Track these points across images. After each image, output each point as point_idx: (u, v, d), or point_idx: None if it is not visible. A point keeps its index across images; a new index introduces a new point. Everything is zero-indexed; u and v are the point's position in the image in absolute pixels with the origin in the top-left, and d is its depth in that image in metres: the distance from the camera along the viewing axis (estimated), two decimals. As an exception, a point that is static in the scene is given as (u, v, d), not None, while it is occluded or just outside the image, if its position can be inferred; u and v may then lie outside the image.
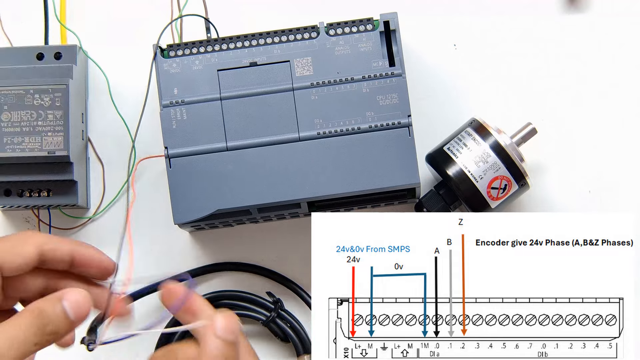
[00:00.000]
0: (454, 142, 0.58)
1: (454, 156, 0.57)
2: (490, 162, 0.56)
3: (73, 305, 0.47)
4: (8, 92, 0.59)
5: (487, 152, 0.56)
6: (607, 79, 0.64)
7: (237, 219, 0.59)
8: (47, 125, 0.59)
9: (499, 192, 0.56)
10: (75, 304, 0.47)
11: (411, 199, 0.60)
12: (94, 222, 0.64)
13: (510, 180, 0.56)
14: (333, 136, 0.57)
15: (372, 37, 0.58)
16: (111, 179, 0.64)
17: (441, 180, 0.59)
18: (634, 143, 0.63)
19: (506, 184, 0.56)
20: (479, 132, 0.57)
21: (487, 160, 0.56)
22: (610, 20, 0.64)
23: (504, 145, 0.56)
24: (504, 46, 0.64)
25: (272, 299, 0.61)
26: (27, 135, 0.59)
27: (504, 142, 0.56)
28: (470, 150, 0.56)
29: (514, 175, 0.56)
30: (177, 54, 0.58)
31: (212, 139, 0.58)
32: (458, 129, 0.59)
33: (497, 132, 0.57)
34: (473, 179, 0.56)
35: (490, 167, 0.56)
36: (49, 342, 0.46)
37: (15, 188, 0.60)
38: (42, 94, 0.59)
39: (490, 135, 0.56)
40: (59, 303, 0.46)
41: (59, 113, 0.59)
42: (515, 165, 0.56)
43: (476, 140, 0.56)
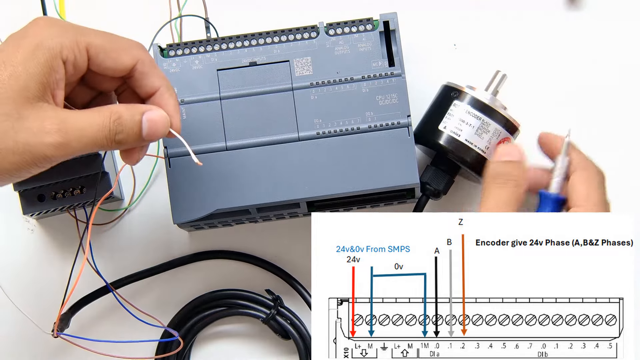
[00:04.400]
0: (447, 119, 0.58)
1: (457, 136, 0.57)
2: (491, 130, 0.57)
3: (151, 124, 0.49)
4: None
5: (486, 120, 0.57)
6: (608, 78, 0.64)
7: (237, 218, 0.59)
8: None
9: None
10: (154, 122, 0.49)
11: (411, 199, 0.60)
12: (131, 213, 0.64)
13: (510, 138, 0.58)
14: (332, 136, 0.57)
15: (371, 37, 0.58)
16: (137, 168, 0.64)
17: (436, 155, 0.59)
18: (634, 143, 0.63)
19: (507, 142, 0.58)
20: (462, 100, 0.57)
21: (488, 129, 0.57)
22: (611, 20, 0.64)
23: (489, 103, 0.57)
24: (504, 46, 0.64)
25: (271, 296, 0.61)
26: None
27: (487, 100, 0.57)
28: (470, 125, 0.57)
29: (511, 132, 0.58)
30: (177, 53, 0.58)
31: (211, 138, 0.58)
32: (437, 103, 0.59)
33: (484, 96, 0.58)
34: (481, 152, 0.57)
35: (493, 135, 0.57)
36: (113, 149, 0.48)
37: (48, 192, 0.60)
38: None
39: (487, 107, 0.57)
40: (139, 115, 0.48)
41: None
42: (513, 124, 0.58)
43: (470, 112, 0.57)
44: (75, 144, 0.46)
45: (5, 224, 0.64)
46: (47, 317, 0.58)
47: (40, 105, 0.46)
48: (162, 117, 0.49)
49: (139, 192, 0.64)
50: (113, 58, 0.49)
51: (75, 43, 0.47)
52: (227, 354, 0.63)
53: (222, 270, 0.64)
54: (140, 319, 0.61)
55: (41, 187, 0.60)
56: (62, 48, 0.46)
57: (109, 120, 0.47)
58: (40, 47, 0.46)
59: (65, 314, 0.59)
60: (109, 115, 0.47)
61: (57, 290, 0.62)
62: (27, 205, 0.60)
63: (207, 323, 0.62)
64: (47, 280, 0.64)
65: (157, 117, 0.49)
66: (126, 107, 0.48)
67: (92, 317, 0.63)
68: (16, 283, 0.63)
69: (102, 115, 0.47)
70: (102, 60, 0.48)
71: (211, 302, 0.62)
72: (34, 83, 0.45)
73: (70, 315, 0.60)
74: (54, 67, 0.46)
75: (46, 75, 0.46)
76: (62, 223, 0.64)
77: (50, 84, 0.46)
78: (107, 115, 0.47)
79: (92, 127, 0.47)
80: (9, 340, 0.64)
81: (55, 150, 0.46)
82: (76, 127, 0.46)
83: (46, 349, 0.63)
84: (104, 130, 0.47)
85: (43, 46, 0.46)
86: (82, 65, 0.48)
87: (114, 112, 0.48)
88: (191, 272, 0.64)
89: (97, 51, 0.48)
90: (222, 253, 0.64)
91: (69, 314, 0.60)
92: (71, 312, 0.60)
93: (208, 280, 0.63)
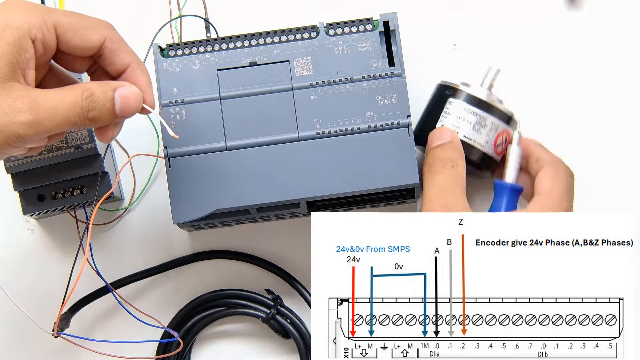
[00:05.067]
0: (444, 117, 0.58)
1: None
2: (489, 124, 0.57)
3: (123, 100, 0.49)
4: None
5: (482, 115, 0.57)
6: (608, 78, 0.64)
7: (236, 218, 0.59)
8: None
9: (503, 146, 0.58)
10: (126, 98, 0.49)
11: (410, 199, 0.60)
12: (131, 213, 0.64)
13: (509, 130, 0.58)
14: (332, 136, 0.57)
15: (371, 37, 0.58)
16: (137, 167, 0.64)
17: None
18: (633, 142, 0.63)
19: (506, 136, 0.58)
20: (457, 97, 0.57)
21: (486, 124, 0.57)
22: (611, 19, 0.64)
23: (485, 99, 0.57)
24: (504, 46, 0.64)
25: (271, 296, 0.62)
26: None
27: (482, 95, 0.57)
28: (467, 121, 0.57)
29: (508, 123, 0.58)
30: (177, 53, 0.58)
31: (211, 138, 0.58)
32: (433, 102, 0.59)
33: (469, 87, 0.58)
34: (480, 147, 0.57)
35: (491, 129, 0.57)
36: (87, 126, 0.48)
37: (48, 192, 0.60)
38: None
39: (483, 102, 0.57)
40: (111, 92, 0.49)
41: None
42: (507, 116, 0.58)
43: (462, 107, 0.57)
44: (47, 122, 0.46)
45: (5, 224, 0.64)
46: (46, 317, 0.58)
47: (10, 85, 0.46)
48: (135, 92, 0.50)
49: (139, 192, 0.64)
50: (81, 36, 0.49)
51: (43, 22, 0.47)
52: (227, 353, 0.63)
53: (222, 270, 0.64)
54: (140, 319, 0.60)
55: (41, 187, 0.60)
56: (30, 27, 0.47)
57: (81, 97, 0.48)
58: (9, 27, 0.46)
59: (65, 314, 0.59)
60: (80, 92, 0.48)
61: (57, 290, 0.62)
62: (27, 205, 0.60)
63: (207, 323, 0.62)
64: (47, 280, 0.64)
65: (130, 92, 0.49)
66: (98, 84, 0.49)
67: (92, 317, 0.63)
68: (16, 283, 0.63)
69: (74, 92, 0.48)
70: (70, 38, 0.49)
71: (211, 302, 0.62)
72: (4, 63, 0.46)
73: (71, 315, 0.60)
74: (23, 46, 0.47)
75: (15, 55, 0.46)
76: (62, 223, 0.64)
77: (20, 63, 0.47)
78: (79, 93, 0.48)
79: (64, 104, 0.47)
80: (9, 340, 0.64)
81: (27, 129, 0.46)
82: (47, 105, 0.46)
83: (46, 349, 0.63)
84: (76, 108, 0.47)
85: (11, 26, 0.46)
86: (52, 44, 0.48)
87: (86, 89, 0.48)
88: (191, 272, 0.64)
89: (65, 30, 0.48)
90: (222, 253, 0.64)
91: (69, 313, 0.60)
92: (71, 312, 0.60)
93: (208, 280, 0.63)
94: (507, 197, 0.55)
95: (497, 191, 0.56)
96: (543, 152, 0.56)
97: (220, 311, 0.62)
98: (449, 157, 0.55)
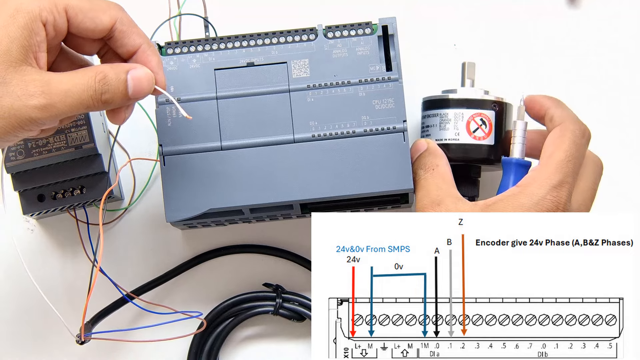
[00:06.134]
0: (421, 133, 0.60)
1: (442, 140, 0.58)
2: (451, 117, 0.57)
3: (136, 82, 0.49)
4: None
5: (442, 112, 0.58)
6: (608, 77, 0.64)
7: (230, 218, 0.59)
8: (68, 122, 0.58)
9: (482, 129, 0.57)
10: (139, 80, 0.49)
11: (404, 204, 0.60)
12: (130, 213, 0.64)
13: (481, 112, 0.57)
14: (328, 139, 0.57)
15: (370, 41, 0.58)
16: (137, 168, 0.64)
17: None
18: (634, 142, 0.64)
19: (482, 118, 0.57)
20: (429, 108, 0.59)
21: (448, 118, 0.57)
22: (610, 19, 0.65)
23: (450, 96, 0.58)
24: (503, 46, 0.65)
25: (271, 288, 0.61)
26: (50, 135, 0.58)
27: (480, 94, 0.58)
28: (431, 127, 0.58)
29: (479, 106, 0.57)
30: (175, 51, 0.58)
31: (207, 138, 0.57)
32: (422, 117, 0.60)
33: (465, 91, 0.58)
34: (454, 141, 0.57)
35: (456, 119, 0.57)
36: (100, 109, 0.49)
37: (48, 192, 0.59)
38: None
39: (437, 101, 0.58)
40: (123, 74, 0.49)
41: None
42: (473, 100, 0.57)
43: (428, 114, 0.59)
44: (60, 105, 0.46)
45: (5, 224, 0.63)
46: (46, 316, 0.57)
47: (23, 69, 0.46)
48: (147, 74, 0.50)
49: (139, 192, 0.64)
50: (91, 18, 0.49)
51: (54, 5, 0.48)
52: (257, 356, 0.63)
53: (222, 270, 0.64)
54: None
55: (41, 187, 0.59)
56: (40, 10, 0.47)
57: (94, 80, 0.48)
58: (20, 11, 0.46)
59: (87, 325, 0.57)
60: (94, 75, 0.48)
61: (57, 290, 0.62)
62: (27, 205, 0.60)
63: (222, 340, 0.62)
64: (47, 280, 0.63)
65: (142, 74, 0.49)
66: (110, 67, 0.49)
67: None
68: (16, 283, 0.63)
69: (86, 75, 0.48)
70: (81, 20, 0.49)
71: (217, 319, 0.62)
72: (16, 46, 0.46)
73: (92, 326, 0.58)
74: (35, 30, 0.47)
75: (27, 38, 0.46)
76: (62, 223, 0.63)
77: (32, 46, 0.47)
78: (91, 76, 0.48)
79: (77, 87, 0.47)
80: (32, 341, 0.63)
81: (40, 112, 0.46)
82: (60, 88, 0.46)
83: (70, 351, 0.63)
84: (89, 91, 0.47)
85: (22, 10, 0.47)
86: (62, 27, 0.48)
87: (99, 72, 0.48)
88: (192, 272, 0.64)
89: (76, 12, 0.49)
90: (222, 250, 0.64)
91: (89, 325, 0.58)
92: (92, 324, 0.58)
93: (208, 279, 0.63)
94: (514, 173, 0.55)
95: (505, 168, 0.56)
96: (557, 110, 0.54)
97: (230, 323, 0.62)
98: (427, 162, 0.56)
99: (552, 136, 0.53)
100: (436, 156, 0.56)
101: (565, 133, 0.52)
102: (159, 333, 0.62)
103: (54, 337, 0.63)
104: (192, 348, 0.62)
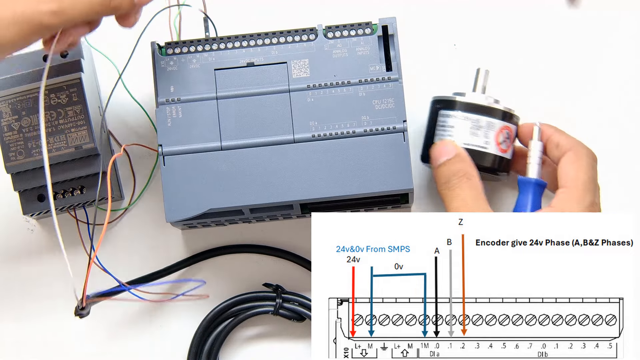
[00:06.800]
0: (439, 131, 0.58)
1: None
2: (483, 125, 0.57)
3: None
4: (24, 97, 0.59)
5: (474, 117, 0.57)
6: (608, 77, 0.64)
7: (230, 218, 0.59)
8: (68, 122, 0.59)
9: (507, 143, 0.57)
10: None
11: (404, 204, 0.60)
12: (130, 213, 0.64)
13: (509, 126, 0.57)
14: (328, 139, 0.57)
15: (370, 41, 0.58)
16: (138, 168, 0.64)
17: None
18: (634, 142, 0.64)
19: (508, 132, 0.57)
20: (451, 108, 0.58)
21: (480, 125, 0.57)
22: (610, 19, 0.65)
23: (480, 102, 0.57)
24: (504, 46, 0.65)
25: (271, 288, 0.61)
26: (50, 135, 0.59)
27: (477, 100, 0.57)
28: (457, 128, 0.57)
29: (505, 119, 0.57)
30: (175, 52, 0.58)
31: (207, 138, 0.57)
32: (429, 118, 0.59)
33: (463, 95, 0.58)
34: (482, 149, 0.56)
35: (488, 128, 0.57)
36: (108, 14, 0.51)
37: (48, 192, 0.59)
38: (58, 92, 0.59)
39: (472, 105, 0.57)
40: None
41: (78, 107, 0.59)
42: (506, 113, 0.57)
43: (454, 115, 0.57)
44: (70, 11, 0.48)
45: (5, 224, 0.63)
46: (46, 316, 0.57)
47: None
48: None
49: (139, 192, 0.64)
50: None
51: None
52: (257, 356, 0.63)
53: (221, 270, 0.64)
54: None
55: (41, 187, 0.59)
56: None
57: None
58: None
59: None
60: None
61: (57, 289, 0.62)
62: (27, 205, 0.60)
63: (222, 340, 0.62)
64: (47, 280, 0.63)
65: None
66: None
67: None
68: (15, 283, 0.63)
69: None
70: None
71: (217, 319, 0.62)
72: None
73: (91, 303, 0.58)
74: None
75: None
76: (62, 223, 0.62)
77: None
78: None
79: None
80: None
81: (51, 17, 0.48)
82: None
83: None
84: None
85: None
86: None
87: None
88: (192, 272, 0.64)
89: None
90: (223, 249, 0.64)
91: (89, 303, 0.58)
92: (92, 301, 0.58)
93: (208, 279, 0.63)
94: (532, 193, 0.55)
95: (522, 188, 0.56)
96: (562, 137, 0.56)
97: (230, 323, 0.61)
98: (461, 169, 0.54)
99: (568, 160, 0.54)
100: (470, 165, 0.55)
101: (580, 157, 0.54)
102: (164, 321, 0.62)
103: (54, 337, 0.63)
104: (192, 348, 0.62)
